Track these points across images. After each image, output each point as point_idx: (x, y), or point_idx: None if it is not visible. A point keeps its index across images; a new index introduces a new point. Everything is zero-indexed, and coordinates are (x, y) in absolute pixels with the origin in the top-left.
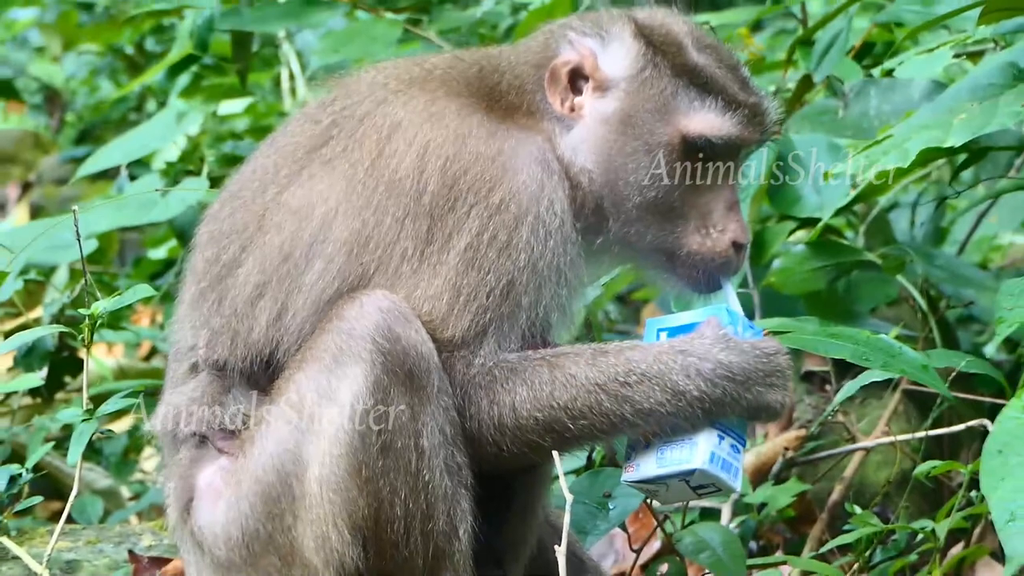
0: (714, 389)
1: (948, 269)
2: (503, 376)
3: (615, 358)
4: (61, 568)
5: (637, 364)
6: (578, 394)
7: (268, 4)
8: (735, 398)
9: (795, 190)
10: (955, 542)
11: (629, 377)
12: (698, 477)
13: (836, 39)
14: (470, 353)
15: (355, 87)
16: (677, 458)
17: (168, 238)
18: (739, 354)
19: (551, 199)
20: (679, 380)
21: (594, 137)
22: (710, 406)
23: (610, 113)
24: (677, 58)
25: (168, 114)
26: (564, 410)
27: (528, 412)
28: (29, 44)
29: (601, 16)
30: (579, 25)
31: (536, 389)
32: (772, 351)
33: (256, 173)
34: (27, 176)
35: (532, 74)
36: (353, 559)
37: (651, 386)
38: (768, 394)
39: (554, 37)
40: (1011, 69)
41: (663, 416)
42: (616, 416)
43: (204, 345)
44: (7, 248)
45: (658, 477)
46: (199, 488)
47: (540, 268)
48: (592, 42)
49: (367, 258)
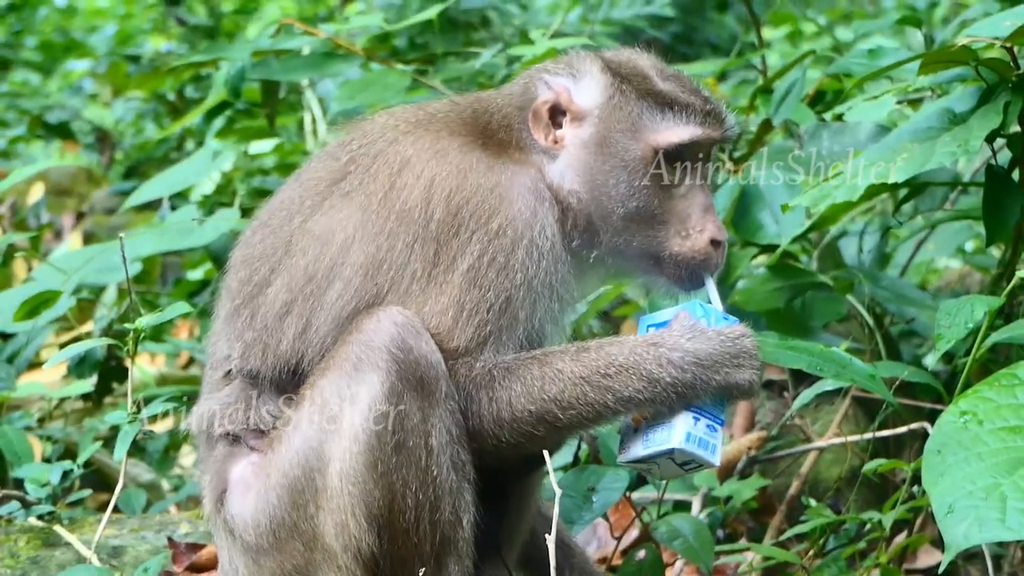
0: (684, 374)
1: (892, 290)
2: (500, 375)
3: (596, 353)
4: (108, 553)
5: (615, 357)
6: (565, 387)
7: (293, 57)
8: (705, 381)
9: (757, 220)
10: (899, 531)
11: (609, 369)
12: (679, 455)
13: (792, 88)
14: (472, 359)
15: (369, 128)
16: (659, 439)
17: (204, 261)
18: (705, 341)
19: (543, 224)
20: (653, 369)
21: (577, 162)
22: (683, 390)
23: (588, 138)
24: (642, 84)
25: (205, 153)
26: (554, 402)
27: (523, 406)
28: (83, 91)
29: (572, 57)
30: (553, 67)
31: (528, 384)
32: (737, 335)
33: (283, 204)
34: (81, 207)
35: (517, 115)
36: (369, 545)
37: (629, 376)
38: (736, 374)
39: (532, 81)
40: (947, 114)
41: (642, 402)
42: (600, 405)
43: (238, 356)
44: (62, 270)
45: (644, 457)
46: (231, 481)
47: (535, 285)
48: (565, 80)
49: (381, 279)
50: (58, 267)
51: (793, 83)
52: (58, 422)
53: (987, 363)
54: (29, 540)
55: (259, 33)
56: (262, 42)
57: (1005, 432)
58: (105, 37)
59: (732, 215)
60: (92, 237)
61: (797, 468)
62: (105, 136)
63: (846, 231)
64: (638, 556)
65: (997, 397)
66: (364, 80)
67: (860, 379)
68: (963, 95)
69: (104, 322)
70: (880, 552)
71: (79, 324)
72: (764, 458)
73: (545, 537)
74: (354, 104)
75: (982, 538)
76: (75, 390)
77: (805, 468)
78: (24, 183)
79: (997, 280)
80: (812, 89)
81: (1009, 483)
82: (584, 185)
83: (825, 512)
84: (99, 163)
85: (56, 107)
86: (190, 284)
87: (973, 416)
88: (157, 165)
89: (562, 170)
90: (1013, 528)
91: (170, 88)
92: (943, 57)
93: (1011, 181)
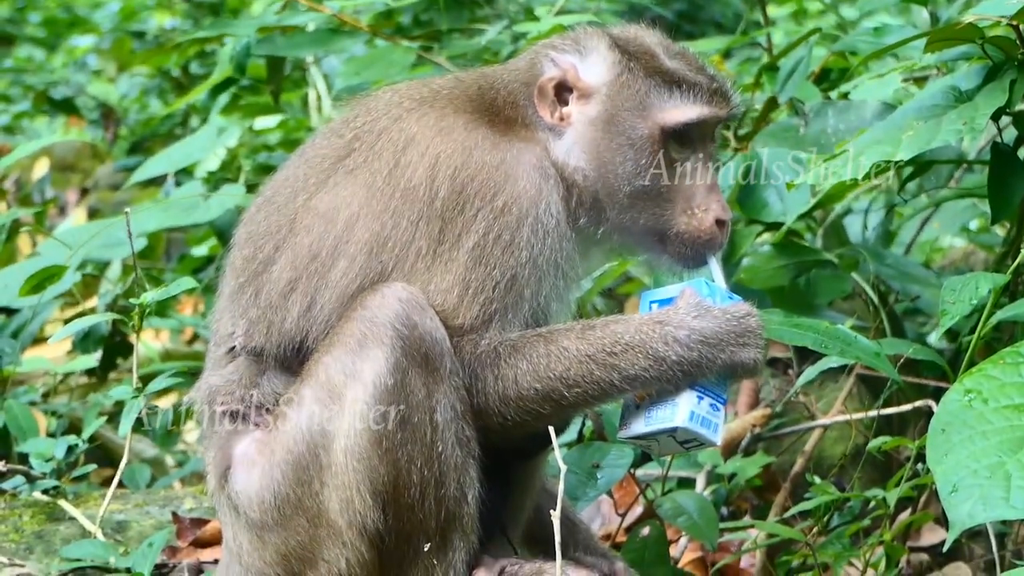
0: (690, 353)
1: (896, 268)
2: (506, 353)
3: (602, 331)
4: (112, 527)
5: (621, 335)
6: (571, 365)
7: (299, 33)
8: (710, 359)
9: (762, 197)
10: (903, 509)
11: (615, 347)
12: (681, 433)
13: (798, 65)
14: (477, 337)
15: (373, 105)
16: (661, 417)
17: (208, 237)
18: (711, 320)
19: (548, 202)
20: (659, 347)
21: (583, 140)
22: (688, 368)
23: (595, 116)
24: (649, 62)
25: (210, 129)
26: (560, 380)
27: (528, 383)
28: (88, 67)
29: (578, 34)
30: (559, 43)
31: (534, 362)
32: (742, 314)
33: (288, 181)
34: (85, 183)
35: (523, 91)
36: (374, 521)
37: (635, 354)
38: (741, 352)
39: (538, 57)
40: (952, 92)
41: (647, 380)
42: (606, 383)
43: (242, 333)
44: (67, 245)
45: (646, 434)
46: (236, 457)
47: (540, 263)
48: (572, 57)
49: (386, 256)
50: (63, 242)
51: (799, 61)
52: (63, 397)
53: (991, 342)
54: (34, 515)
55: (264, 9)
56: (267, 18)
57: (1010, 410)
58: (109, 13)
59: (737, 193)
60: (96, 213)
61: (801, 446)
62: (110, 112)
63: (851, 209)
64: (642, 533)
65: (1002, 375)
66: (369, 56)
67: (865, 356)
68: (969, 73)
69: (109, 297)
70: (884, 530)
71: (84, 300)
72: (768, 435)
73: (550, 513)
74: (359, 80)
75: (986, 516)
76: (80, 365)
77: (809, 446)
78: (28, 158)
79: (1001, 259)
80: (818, 67)
81: (1013, 461)
82: (590, 163)
83: (829, 489)
84: (103, 139)
85: (61, 83)
86: (194, 260)
87: (978, 395)
88: (162, 141)
89: (568, 147)
90: (1017, 506)
91: (175, 64)
92: (949, 35)
93: (1016, 159)
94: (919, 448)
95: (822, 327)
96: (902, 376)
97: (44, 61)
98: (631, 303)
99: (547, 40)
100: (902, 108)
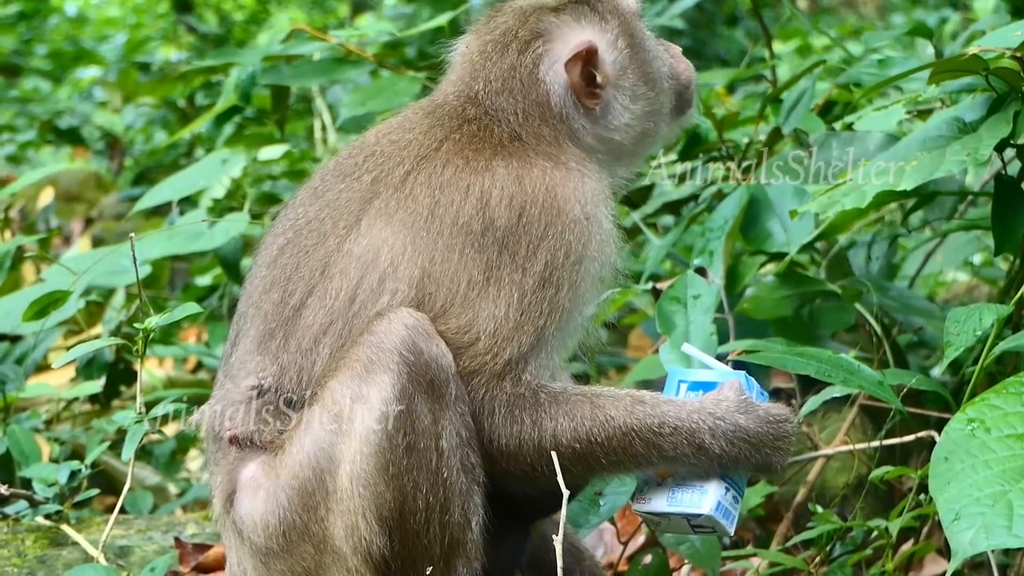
0: (732, 448)
1: (900, 300)
2: (547, 402)
3: (652, 409)
4: (115, 552)
5: (671, 419)
6: (614, 435)
7: (304, 62)
8: (747, 457)
9: (766, 228)
10: (906, 539)
11: (663, 428)
12: (702, 520)
13: (802, 97)
14: (520, 371)
15: (386, 141)
16: (688, 500)
17: (213, 267)
18: (756, 420)
19: (600, 215)
20: (705, 438)
21: (622, 95)
22: (726, 462)
23: (621, 68)
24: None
25: (214, 158)
26: (600, 447)
27: (567, 442)
28: (93, 98)
29: (544, 26)
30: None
31: (577, 423)
32: (783, 418)
33: (311, 224)
34: (90, 212)
35: (535, 112)
36: (379, 547)
37: (679, 439)
38: (773, 456)
39: (536, 70)
40: (956, 123)
41: (685, 465)
42: (643, 459)
43: (272, 377)
44: (71, 271)
45: (667, 513)
46: (241, 482)
47: (584, 298)
48: (570, 42)
49: (433, 288)
50: (67, 268)
51: (803, 92)
52: (66, 424)
53: (994, 373)
54: (36, 539)
55: (270, 40)
56: (273, 47)
57: (1012, 440)
58: (115, 46)
59: (741, 223)
60: (101, 242)
61: (804, 475)
62: (115, 142)
63: (854, 241)
64: (645, 561)
65: (1004, 405)
66: (374, 87)
67: (868, 385)
68: (973, 104)
69: (113, 324)
70: (886, 559)
71: (88, 327)
72: None
73: (552, 539)
74: (364, 110)
75: (988, 545)
76: (83, 391)
77: (812, 475)
78: (33, 188)
79: (1005, 292)
80: (822, 99)
81: (1016, 491)
82: (634, 103)
83: (832, 519)
84: (109, 169)
85: (66, 112)
86: (199, 290)
87: (980, 423)
88: (166, 171)
89: (609, 118)
90: (1020, 536)
91: (180, 95)
92: (953, 66)
93: (1020, 191)
94: (922, 478)
95: (825, 356)
96: (905, 406)
97: (50, 93)
98: (635, 334)
99: (516, 44)
100: (906, 139)
